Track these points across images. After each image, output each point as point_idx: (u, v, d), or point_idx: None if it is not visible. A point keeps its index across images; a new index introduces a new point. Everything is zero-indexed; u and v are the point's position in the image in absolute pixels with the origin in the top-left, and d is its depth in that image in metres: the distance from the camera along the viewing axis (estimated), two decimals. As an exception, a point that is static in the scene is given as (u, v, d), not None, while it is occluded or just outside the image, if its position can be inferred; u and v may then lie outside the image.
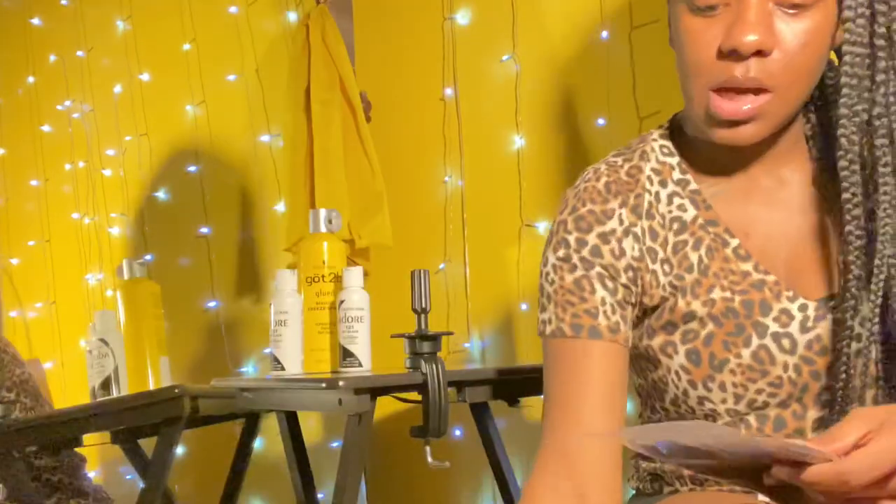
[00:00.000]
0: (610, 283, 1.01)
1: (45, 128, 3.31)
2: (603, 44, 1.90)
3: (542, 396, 1.07)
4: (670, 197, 1.03)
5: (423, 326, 1.40)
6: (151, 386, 1.96)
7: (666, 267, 1.01)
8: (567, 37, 1.98)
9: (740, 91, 0.93)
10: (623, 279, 1.01)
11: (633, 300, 1.02)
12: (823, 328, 0.98)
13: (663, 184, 1.04)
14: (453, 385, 1.44)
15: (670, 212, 1.03)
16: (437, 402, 1.33)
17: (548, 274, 1.04)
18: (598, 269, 1.01)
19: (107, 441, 2.26)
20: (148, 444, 1.99)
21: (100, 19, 3.08)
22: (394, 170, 2.26)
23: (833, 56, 1.01)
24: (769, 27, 0.90)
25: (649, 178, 1.04)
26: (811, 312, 0.98)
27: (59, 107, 3.23)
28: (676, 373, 1.01)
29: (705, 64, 0.93)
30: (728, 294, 0.99)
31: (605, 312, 1.00)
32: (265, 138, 2.60)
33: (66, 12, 3.18)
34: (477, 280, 2.13)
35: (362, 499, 2.30)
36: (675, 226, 1.02)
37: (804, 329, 0.98)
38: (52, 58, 3.25)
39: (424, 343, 1.38)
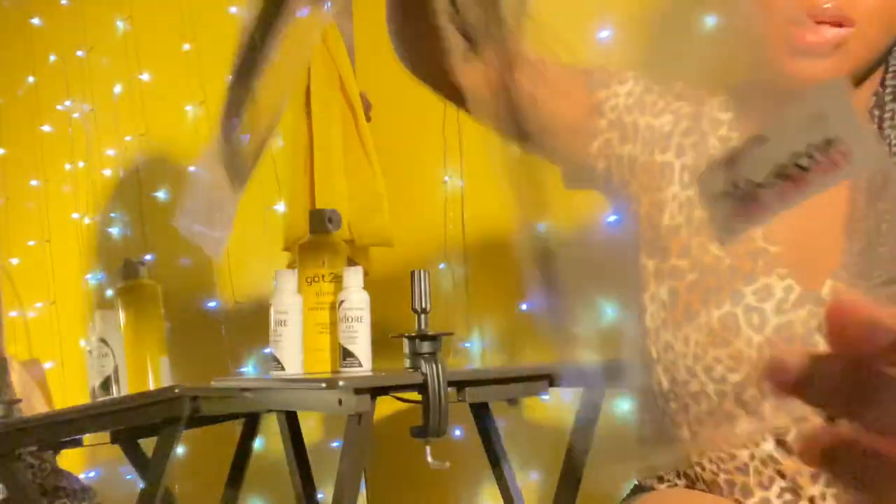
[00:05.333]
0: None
1: (45, 128, 3.31)
2: (602, 44, 1.90)
3: (542, 396, 1.09)
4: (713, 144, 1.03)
5: (423, 326, 1.40)
6: (151, 386, 1.96)
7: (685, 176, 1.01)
8: (567, 37, 1.98)
9: (821, 23, 0.89)
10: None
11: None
12: (798, 317, 0.94)
13: (711, 132, 1.03)
14: (453, 385, 1.44)
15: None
16: (437, 402, 1.33)
17: None
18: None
19: (107, 441, 2.26)
20: (148, 444, 1.99)
21: (100, 19, 3.08)
22: (394, 170, 2.26)
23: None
24: None
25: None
26: (792, 298, 0.95)
27: (59, 107, 3.23)
28: (656, 303, 1.00)
29: None
30: (722, 254, 0.97)
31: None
32: (265, 138, 2.59)
33: (66, 12, 3.18)
34: (477, 280, 2.13)
35: (362, 499, 2.30)
36: None
37: (779, 310, 0.95)
38: (52, 58, 3.25)
39: (424, 343, 1.38)
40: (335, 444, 2.39)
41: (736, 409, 0.95)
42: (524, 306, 2.03)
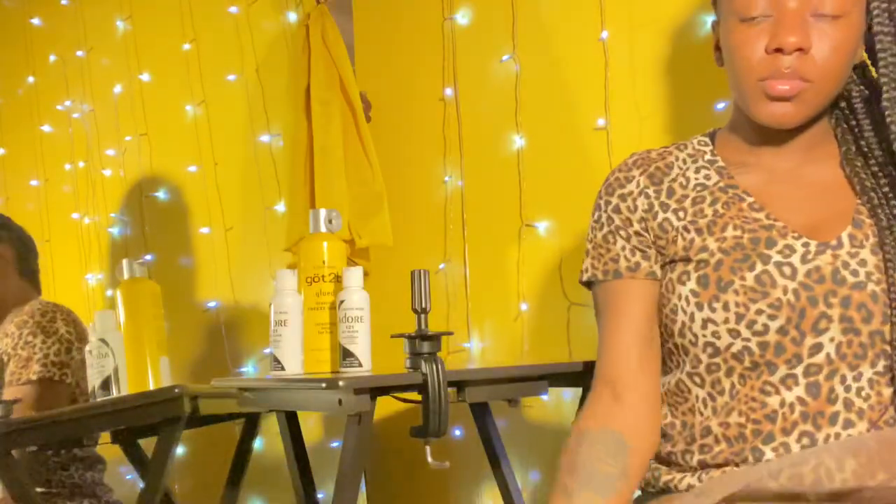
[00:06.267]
0: (624, 233, 1.24)
1: (45, 128, 3.31)
2: (603, 44, 1.90)
3: (542, 396, 1.11)
4: (698, 169, 1.24)
5: (423, 326, 1.39)
6: (151, 386, 1.96)
7: (680, 213, 1.20)
8: (567, 37, 1.98)
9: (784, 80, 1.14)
10: (635, 227, 1.23)
11: (650, 242, 1.22)
12: (823, 261, 1.12)
13: (694, 161, 1.25)
14: (453, 385, 1.44)
15: (696, 178, 1.23)
16: (437, 402, 1.33)
17: (588, 234, 1.29)
18: (616, 222, 1.24)
19: (107, 441, 2.26)
20: (148, 444, 1.99)
21: (100, 19, 3.08)
22: (394, 170, 2.26)
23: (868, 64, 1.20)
24: (806, 31, 1.12)
25: (683, 160, 1.25)
26: (812, 248, 1.13)
27: (59, 107, 3.23)
28: (686, 298, 1.16)
29: (756, 60, 1.14)
30: (739, 233, 1.16)
31: (624, 257, 1.23)
32: (265, 138, 2.60)
33: (66, 12, 3.19)
34: (477, 280, 2.13)
35: (362, 499, 2.30)
36: (698, 188, 1.22)
37: (804, 260, 1.12)
38: (52, 58, 3.25)
39: (424, 343, 1.38)
40: (335, 444, 2.39)
41: (774, 358, 1.10)
42: (524, 306, 2.04)
